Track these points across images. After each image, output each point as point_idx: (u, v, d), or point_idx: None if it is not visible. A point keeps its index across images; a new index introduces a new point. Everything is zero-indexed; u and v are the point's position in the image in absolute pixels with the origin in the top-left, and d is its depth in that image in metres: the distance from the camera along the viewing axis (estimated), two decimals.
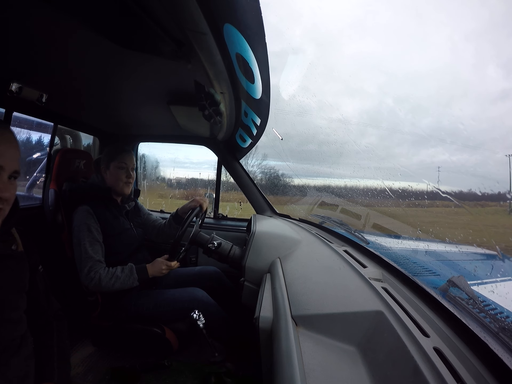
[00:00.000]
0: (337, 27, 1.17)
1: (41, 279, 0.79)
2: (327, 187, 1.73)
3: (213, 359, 1.03)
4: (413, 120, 1.39)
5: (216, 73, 0.84)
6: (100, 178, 1.28)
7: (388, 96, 3.56)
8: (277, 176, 3.22)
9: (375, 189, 1.14)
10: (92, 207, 1.16)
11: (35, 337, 0.72)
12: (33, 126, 1.75)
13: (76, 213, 1.16)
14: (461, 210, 0.77)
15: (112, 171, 1.24)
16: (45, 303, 0.79)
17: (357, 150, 1.14)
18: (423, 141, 1.26)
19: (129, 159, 1.27)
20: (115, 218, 1.24)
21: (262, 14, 0.61)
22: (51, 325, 0.78)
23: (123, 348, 1.32)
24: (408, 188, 0.92)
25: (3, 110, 1.22)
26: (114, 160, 1.24)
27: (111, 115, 1.56)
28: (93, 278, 1.07)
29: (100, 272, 1.08)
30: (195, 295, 1.18)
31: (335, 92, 1.06)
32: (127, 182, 1.26)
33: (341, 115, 1.13)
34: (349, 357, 0.52)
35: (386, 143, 1.12)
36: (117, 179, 1.24)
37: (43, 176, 1.69)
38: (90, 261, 1.09)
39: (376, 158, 1.02)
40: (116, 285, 1.09)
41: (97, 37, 0.72)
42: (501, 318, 0.53)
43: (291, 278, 0.81)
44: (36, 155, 1.97)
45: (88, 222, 1.13)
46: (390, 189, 0.99)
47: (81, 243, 1.10)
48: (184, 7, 0.57)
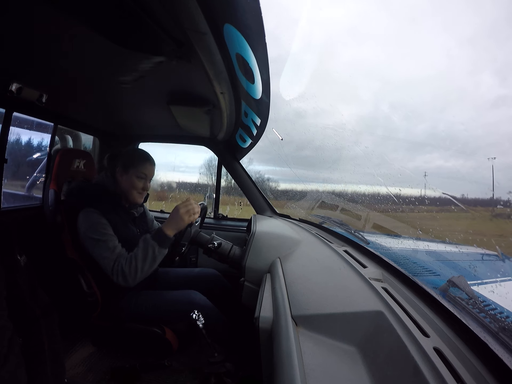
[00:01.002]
0: (335, 32, 1.19)
1: (22, 274, 0.70)
2: (319, 191, 1.74)
3: (213, 360, 1.03)
4: (408, 126, 1.41)
5: (216, 73, 0.84)
6: (111, 178, 1.18)
7: (383, 102, 3.59)
8: (262, 180, 3.23)
9: (366, 194, 1.16)
10: (101, 211, 1.08)
11: (23, 339, 0.65)
12: (33, 126, 1.75)
13: (83, 214, 1.07)
14: (450, 215, 0.78)
15: (129, 177, 1.15)
16: (30, 301, 0.70)
17: (352, 155, 1.14)
18: (418, 147, 1.29)
19: (151, 169, 1.19)
20: (124, 224, 1.17)
21: (262, 14, 0.61)
22: (39, 324, 0.70)
23: (123, 348, 1.32)
24: (399, 193, 0.94)
25: (3, 110, 1.22)
26: (134, 167, 1.15)
27: (111, 115, 1.56)
28: (118, 272, 0.99)
29: (121, 262, 1.00)
30: (193, 299, 1.18)
31: (331, 97, 1.07)
32: (142, 192, 1.19)
33: (336, 121, 1.14)
34: (349, 357, 0.52)
35: (382, 149, 1.13)
36: (132, 187, 1.16)
37: (43, 176, 1.69)
38: (114, 255, 1.01)
39: (372, 163, 1.03)
40: (140, 265, 0.99)
41: (97, 37, 0.72)
42: (501, 318, 0.53)
43: (291, 278, 0.81)
44: (36, 155, 1.97)
45: (102, 221, 1.06)
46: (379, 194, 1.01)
47: (100, 240, 1.03)
48: (184, 7, 0.57)
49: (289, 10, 0.79)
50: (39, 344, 0.69)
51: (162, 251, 1.02)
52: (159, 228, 1.05)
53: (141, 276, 1.01)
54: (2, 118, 1.22)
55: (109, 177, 1.19)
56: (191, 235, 1.22)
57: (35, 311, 0.71)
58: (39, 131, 1.84)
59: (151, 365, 1.24)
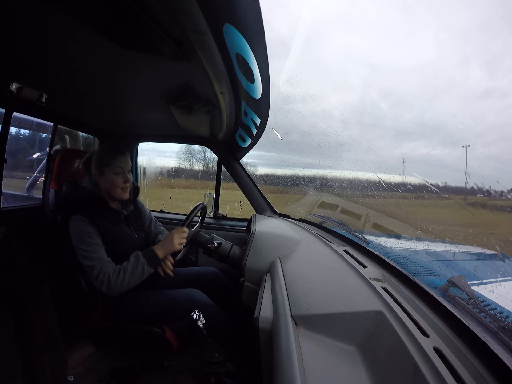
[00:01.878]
0: (325, 18, 1.18)
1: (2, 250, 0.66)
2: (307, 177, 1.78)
3: (213, 359, 1.03)
4: (396, 114, 1.45)
5: (216, 73, 0.84)
6: (94, 183, 1.17)
7: (372, 89, 3.62)
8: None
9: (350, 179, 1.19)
10: (88, 217, 1.08)
11: (15, 327, 0.61)
12: (33, 126, 1.75)
13: (72, 222, 1.08)
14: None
15: (107, 177, 1.14)
16: (10, 277, 0.65)
17: (340, 141, 1.17)
18: (404, 135, 1.32)
19: (125, 162, 1.17)
20: (115, 225, 1.17)
21: (262, 14, 0.61)
22: (28, 305, 0.65)
23: (123, 348, 1.32)
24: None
25: (3, 110, 1.22)
26: (108, 166, 1.14)
27: (111, 115, 1.56)
28: (103, 281, 1.01)
29: (109, 272, 1.03)
30: (194, 297, 1.18)
31: (320, 83, 1.08)
32: (124, 187, 1.17)
33: (325, 108, 1.15)
34: (349, 357, 0.52)
35: (369, 136, 1.16)
36: (114, 185, 1.15)
37: (43, 176, 1.69)
38: (99, 263, 1.03)
39: (358, 150, 1.06)
40: (126, 278, 1.03)
41: (97, 37, 0.72)
42: (501, 318, 0.53)
43: (291, 278, 0.81)
44: (36, 155, 1.97)
45: (87, 230, 1.07)
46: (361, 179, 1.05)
47: (85, 250, 1.04)
48: (184, 7, 0.57)
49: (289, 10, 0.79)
50: (31, 326, 0.64)
51: (150, 270, 1.07)
52: (150, 248, 1.11)
53: (125, 289, 1.05)
54: (2, 118, 1.22)
55: (91, 181, 1.18)
56: (191, 235, 1.22)
57: (18, 290, 0.65)
58: (39, 131, 1.84)
59: (151, 365, 1.24)
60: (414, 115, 1.18)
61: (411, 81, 1.51)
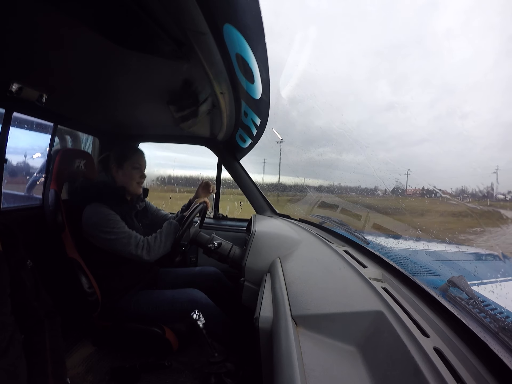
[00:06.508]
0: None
1: (30, 276, 0.73)
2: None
3: (213, 359, 1.03)
4: (305, 121, 1.63)
5: (216, 73, 0.84)
6: (109, 177, 1.24)
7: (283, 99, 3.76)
8: None
9: None
10: (108, 205, 1.13)
11: (25, 338, 0.67)
12: (33, 126, 1.75)
13: (90, 208, 1.11)
14: None
15: (126, 170, 1.24)
16: (34, 301, 0.73)
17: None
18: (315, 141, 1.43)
19: (143, 159, 1.29)
20: (129, 217, 1.23)
21: (262, 14, 0.61)
22: (42, 325, 0.73)
23: (123, 348, 1.32)
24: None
25: (3, 110, 1.22)
26: (128, 160, 1.24)
27: (111, 115, 1.55)
28: (143, 246, 1.10)
29: (146, 237, 1.13)
30: (194, 297, 1.18)
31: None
32: (140, 182, 1.28)
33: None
34: (349, 357, 0.52)
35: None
36: (131, 179, 1.24)
37: (43, 176, 1.69)
38: (133, 233, 1.12)
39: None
40: (163, 240, 1.13)
41: (97, 37, 0.72)
42: (501, 318, 0.53)
43: (291, 278, 0.81)
44: (36, 155, 1.96)
45: (110, 212, 1.11)
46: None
47: (114, 227, 1.09)
48: (184, 7, 0.57)
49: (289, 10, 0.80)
50: (41, 342, 0.71)
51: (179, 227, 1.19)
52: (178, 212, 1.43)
53: (161, 253, 1.14)
54: (2, 118, 1.22)
55: (108, 176, 1.25)
56: (191, 235, 1.22)
57: (39, 312, 0.74)
58: (39, 131, 1.84)
59: (151, 365, 1.24)
60: (322, 123, 1.29)
61: (324, 92, 1.63)
